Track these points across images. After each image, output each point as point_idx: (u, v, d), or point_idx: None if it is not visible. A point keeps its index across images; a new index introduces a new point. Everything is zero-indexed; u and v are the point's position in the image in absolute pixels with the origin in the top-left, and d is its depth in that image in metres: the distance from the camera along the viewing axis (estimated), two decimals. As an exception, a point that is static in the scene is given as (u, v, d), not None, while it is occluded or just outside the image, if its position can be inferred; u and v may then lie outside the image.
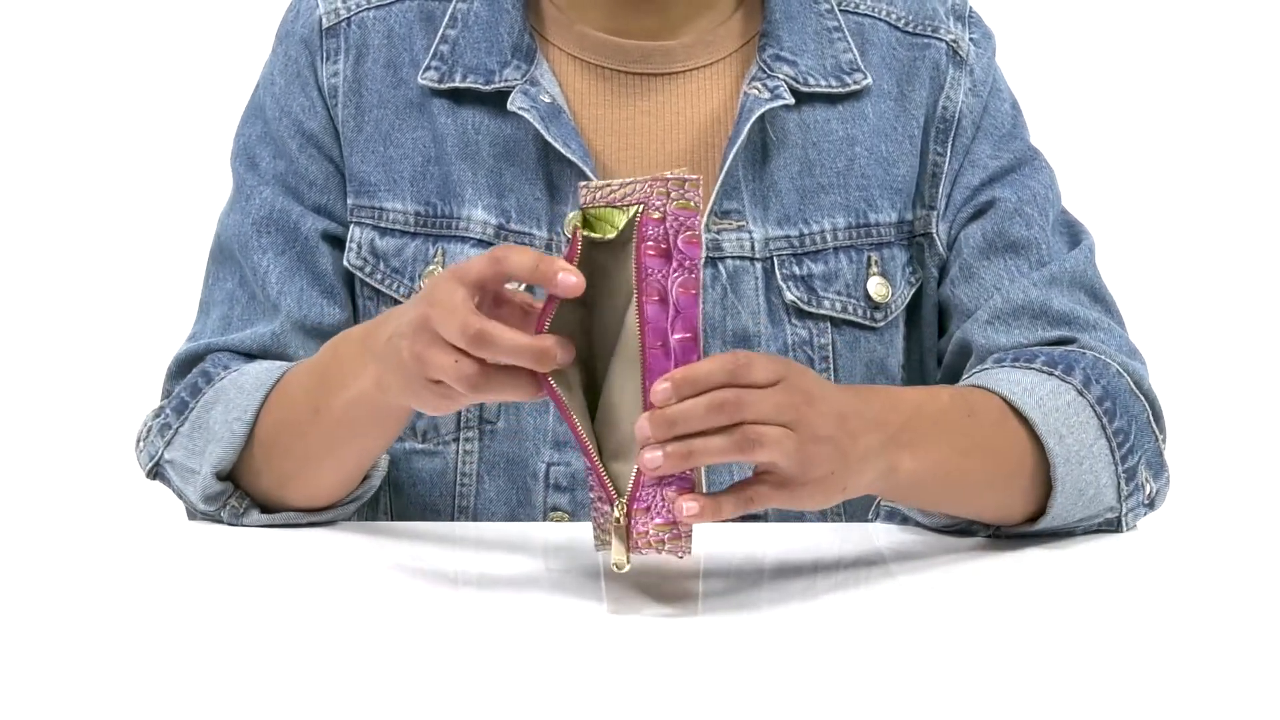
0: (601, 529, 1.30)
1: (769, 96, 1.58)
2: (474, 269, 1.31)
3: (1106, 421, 1.49)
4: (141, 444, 1.61)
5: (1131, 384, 1.54)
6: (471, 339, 1.29)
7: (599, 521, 1.30)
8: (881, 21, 1.65)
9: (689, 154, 1.59)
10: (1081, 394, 1.50)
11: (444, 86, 1.60)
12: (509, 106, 1.57)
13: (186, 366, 1.62)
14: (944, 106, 1.64)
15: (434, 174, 1.60)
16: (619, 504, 1.27)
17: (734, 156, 1.57)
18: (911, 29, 1.65)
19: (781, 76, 1.59)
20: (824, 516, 1.61)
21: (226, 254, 1.64)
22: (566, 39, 1.61)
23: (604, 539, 1.30)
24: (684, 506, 1.25)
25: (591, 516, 1.32)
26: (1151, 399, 1.55)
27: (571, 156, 1.56)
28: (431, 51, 1.60)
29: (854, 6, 1.65)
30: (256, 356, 1.60)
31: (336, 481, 1.52)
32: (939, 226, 1.63)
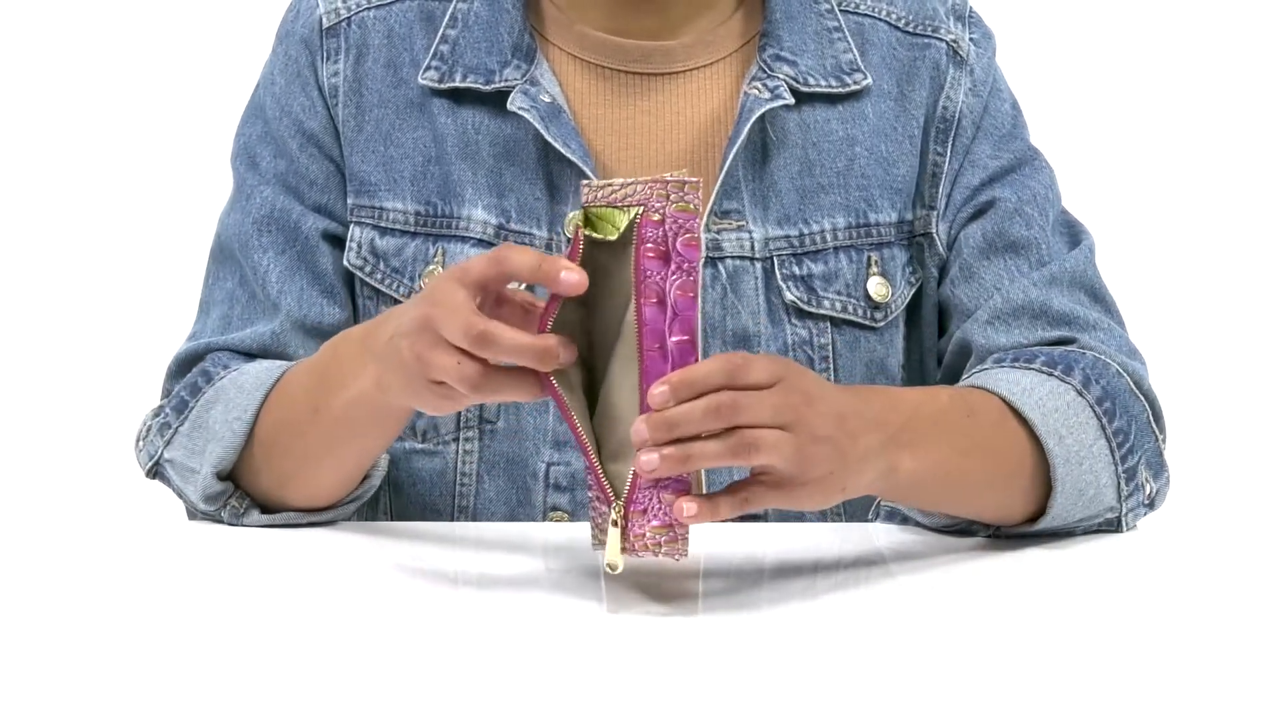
0: (599, 529, 1.30)
1: (769, 96, 1.58)
2: (475, 269, 1.31)
3: (1106, 422, 1.49)
4: (141, 443, 1.61)
5: (1131, 384, 1.54)
6: (474, 339, 1.29)
7: (597, 521, 1.30)
8: (881, 21, 1.65)
9: (689, 154, 1.59)
10: (1081, 394, 1.50)
11: (444, 86, 1.60)
12: (509, 106, 1.57)
13: (186, 366, 1.62)
14: (944, 106, 1.64)
15: (434, 174, 1.60)
16: (616, 506, 1.27)
17: (734, 156, 1.57)
18: (911, 29, 1.65)
19: (781, 76, 1.59)
20: (824, 516, 1.61)
21: (227, 253, 1.64)
22: (567, 39, 1.61)
23: (601, 539, 1.30)
24: (683, 507, 1.25)
25: (590, 516, 1.32)
26: (1151, 399, 1.55)
27: (571, 156, 1.56)
28: (432, 51, 1.60)
29: (854, 6, 1.65)
30: (256, 356, 1.60)
31: (336, 481, 1.52)
32: (939, 226, 1.63)
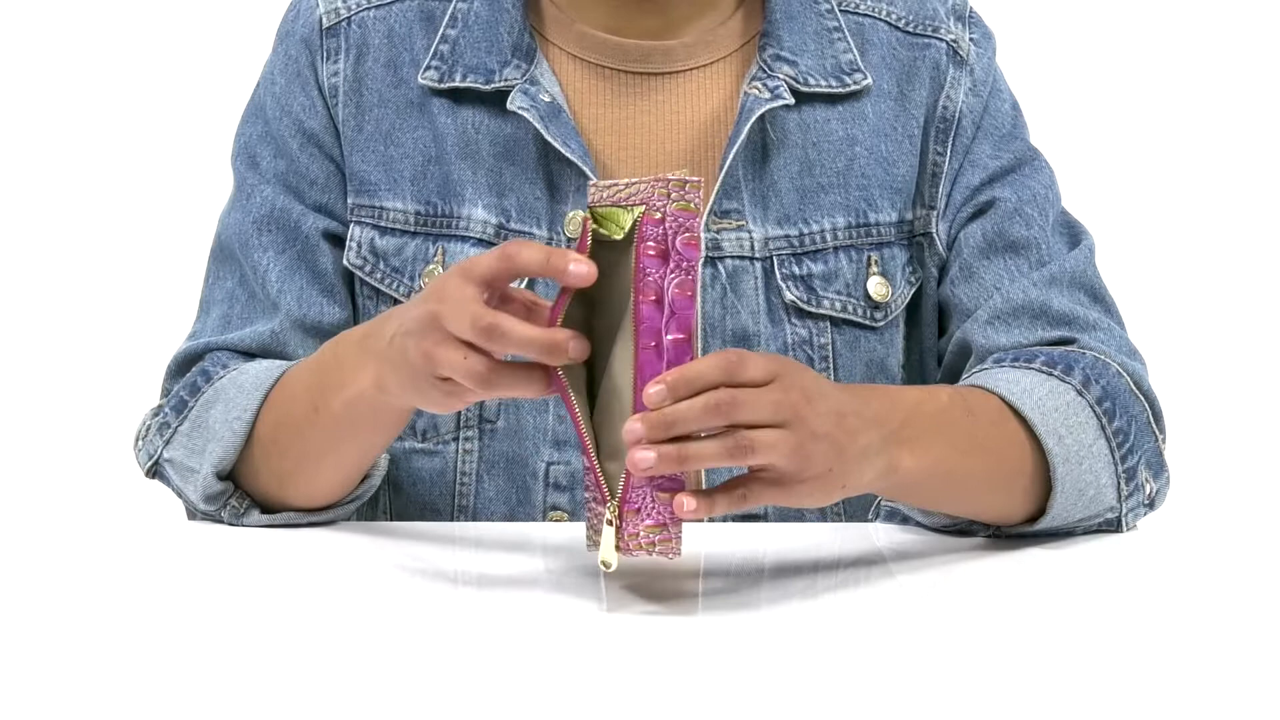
0: (594, 529, 1.30)
1: (769, 96, 1.58)
2: (482, 265, 1.31)
3: (1106, 422, 1.49)
4: (140, 442, 1.61)
5: (1131, 384, 1.54)
6: (482, 331, 1.29)
7: (592, 522, 1.30)
8: (881, 21, 1.65)
9: (689, 153, 1.59)
10: (1081, 394, 1.50)
11: (444, 86, 1.60)
12: (509, 106, 1.57)
13: (186, 365, 1.62)
14: (944, 106, 1.64)
15: (434, 173, 1.60)
16: (611, 505, 1.27)
17: (734, 156, 1.57)
18: (912, 29, 1.65)
19: (782, 76, 1.59)
20: (824, 516, 1.61)
21: (227, 253, 1.64)
22: (567, 38, 1.61)
23: (596, 539, 1.30)
24: (682, 503, 1.25)
25: (585, 516, 1.31)
26: (1151, 399, 1.55)
27: (571, 156, 1.56)
28: (431, 51, 1.60)
29: (854, 6, 1.65)
30: (256, 355, 1.60)
31: (336, 480, 1.52)
32: (939, 226, 1.63)
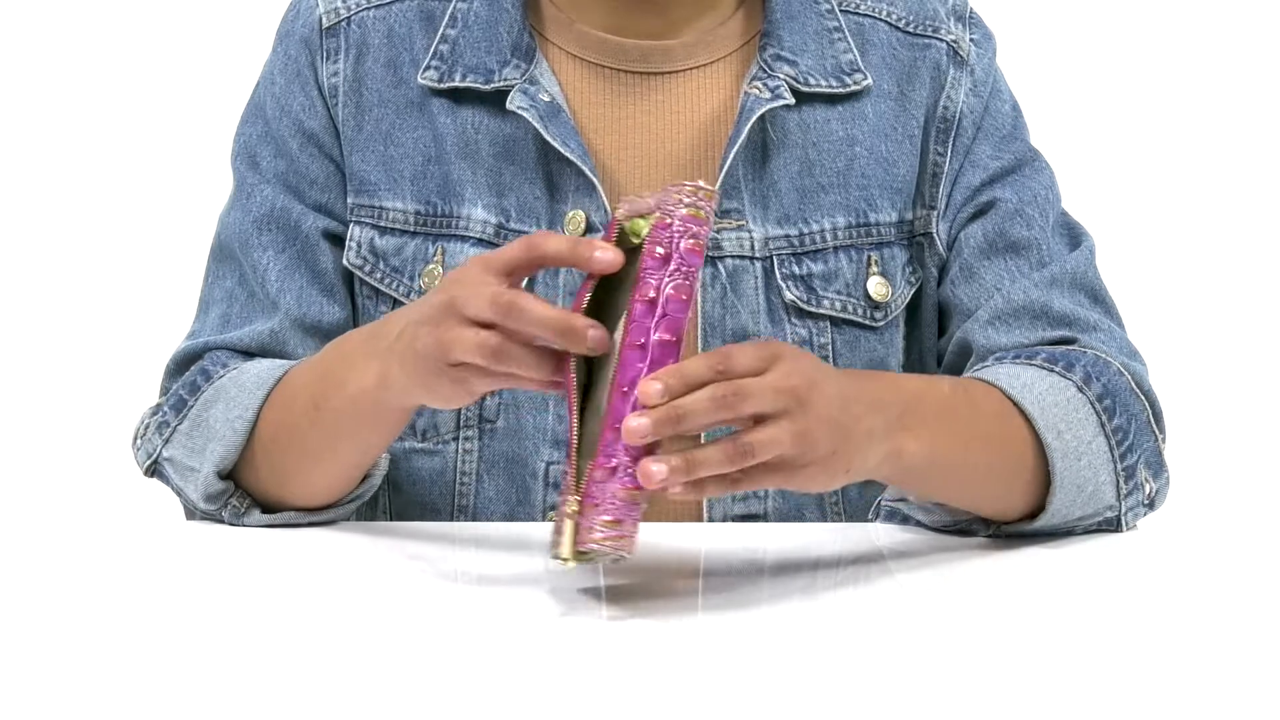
0: (557, 529, 1.29)
1: (769, 96, 1.58)
2: (504, 254, 1.31)
3: (1106, 419, 1.49)
4: (139, 441, 1.60)
5: (1132, 383, 1.54)
6: (502, 308, 1.29)
7: (558, 524, 1.29)
8: (882, 22, 1.65)
9: (689, 153, 1.59)
10: (1081, 390, 1.50)
11: (444, 86, 1.60)
12: (508, 105, 1.57)
13: (185, 364, 1.62)
14: (944, 107, 1.64)
15: (434, 173, 1.60)
16: (572, 500, 1.27)
17: (734, 156, 1.57)
18: (912, 29, 1.65)
19: (782, 76, 1.59)
20: (824, 516, 1.61)
21: (226, 252, 1.64)
22: (566, 38, 1.61)
23: (556, 539, 1.28)
24: (650, 470, 1.23)
25: (553, 519, 1.30)
26: (1152, 399, 1.55)
27: (570, 155, 1.56)
28: (431, 51, 1.60)
29: (854, 7, 1.65)
30: (255, 354, 1.60)
31: (336, 480, 1.52)
32: (939, 226, 1.63)
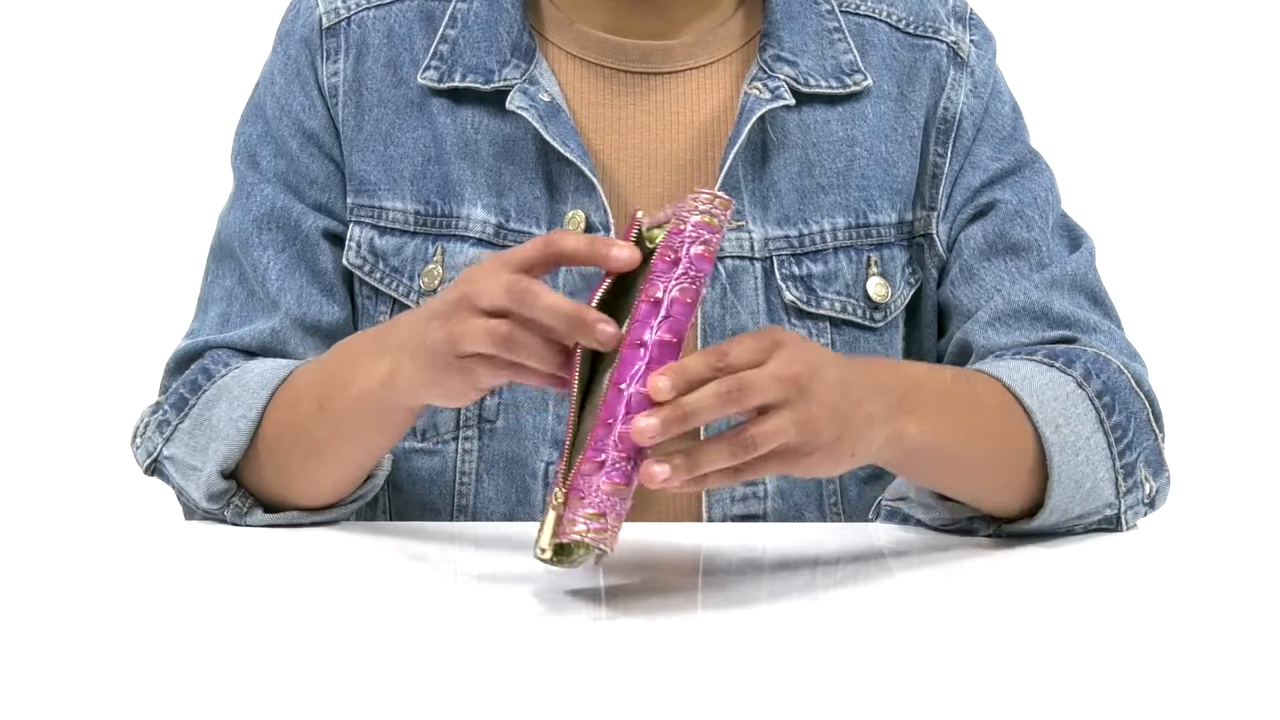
0: (542, 523, 1.29)
1: (769, 97, 1.58)
2: (521, 252, 1.32)
3: (1105, 415, 1.49)
4: (139, 439, 1.60)
5: (1132, 381, 1.54)
6: (516, 295, 1.29)
7: (543, 517, 1.29)
8: (882, 22, 1.65)
9: (689, 153, 1.59)
10: (1081, 386, 1.50)
11: (444, 86, 1.60)
12: (508, 105, 1.57)
13: (185, 363, 1.61)
14: (945, 108, 1.64)
15: (434, 173, 1.60)
16: (558, 492, 1.27)
17: (734, 156, 1.57)
18: (912, 30, 1.65)
19: (782, 77, 1.59)
20: (823, 516, 1.61)
21: (226, 251, 1.64)
22: (566, 38, 1.61)
23: (539, 531, 1.28)
24: (653, 472, 1.24)
25: (539, 519, 1.30)
26: (1152, 399, 1.55)
27: (570, 155, 1.56)
28: (431, 51, 1.60)
29: (855, 7, 1.65)
30: (256, 353, 1.60)
31: (340, 480, 1.52)
32: (939, 227, 1.63)
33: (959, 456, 1.42)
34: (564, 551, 1.28)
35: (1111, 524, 1.51)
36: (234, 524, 1.55)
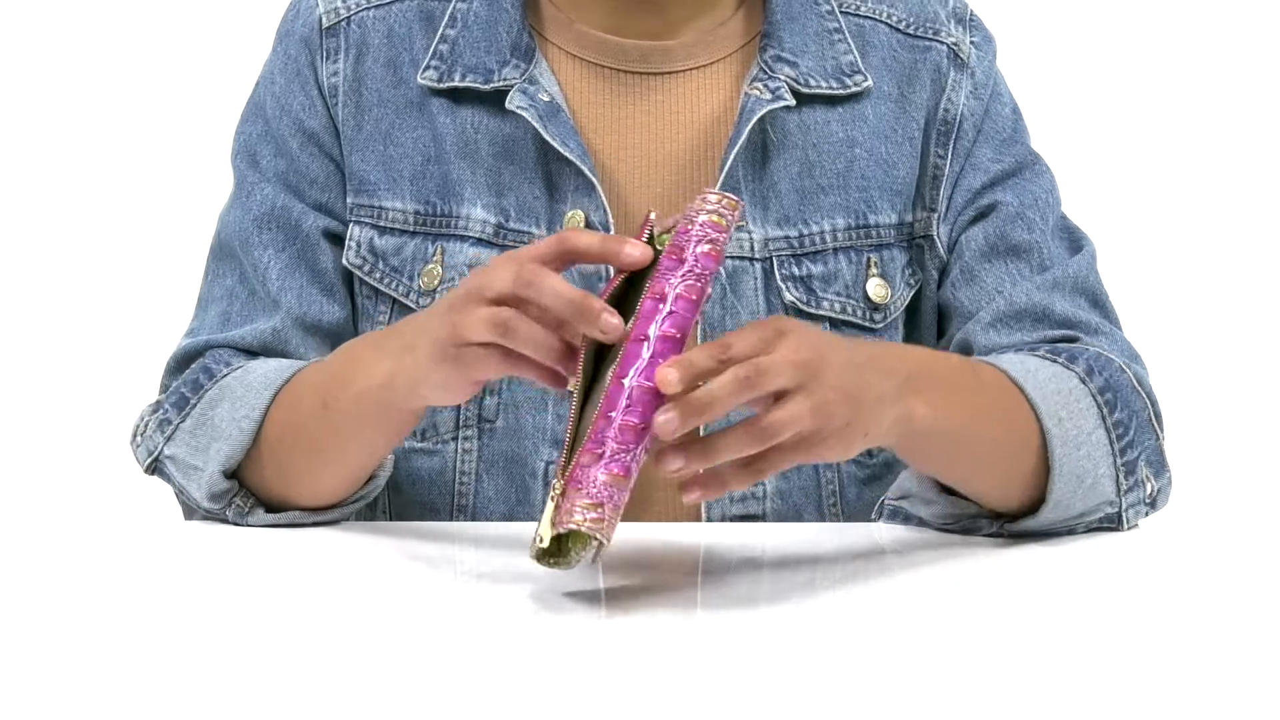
0: (540, 521, 1.29)
1: (770, 97, 1.58)
2: (534, 249, 1.33)
3: (1107, 412, 1.49)
4: (139, 438, 1.60)
5: (1134, 381, 1.54)
6: (524, 280, 1.30)
7: (542, 514, 1.29)
8: (882, 24, 1.65)
9: (688, 154, 1.59)
10: (1084, 382, 1.50)
11: (443, 86, 1.60)
12: (507, 105, 1.57)
13: (185, 362, 1.61)
14: (945, 109, 1.64)
15: (433, 173, 1.60)
16: (557, 483, 1.27)
17: (734, 157, 1.57)
18: (912, 31, 1.65)
19: (782, 77, 1.59)
20: (822, 517, 1.61)
21: (226, 250, 1.64)
22: (566, 38, 1.61)
23: (538, 525, 1.28)
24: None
25: (538, 518, 1.30)
26: (1153, 400, 1.55)
27: (570, 155, 1.56)
28: (431, 51, 1.60)
29: (855, 8, 1.65)
30: (257, 353, 1.60)
31: (343, 480, 1.52)
32: (940, 229, 1.63)
33: (965, 440, 1.42)
34: (560, 552, 1.28)
35: (1113, 523, 1.51)
36: (235, 524, 1.55)
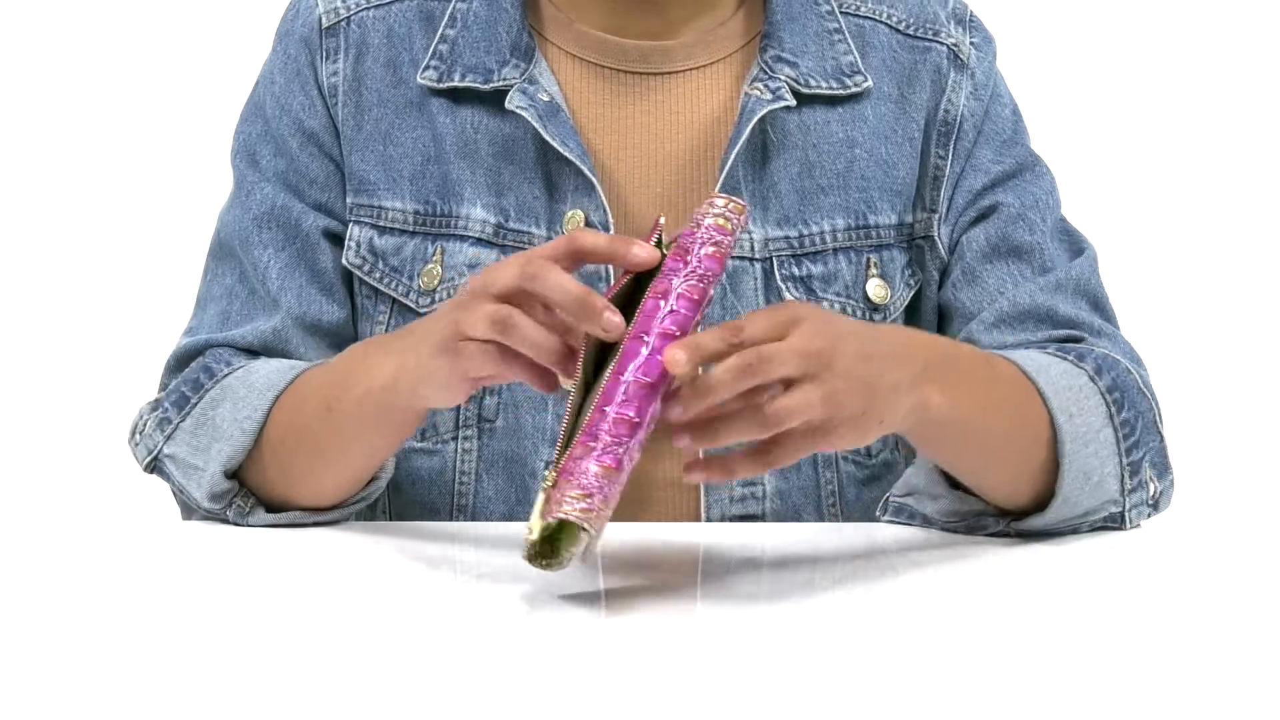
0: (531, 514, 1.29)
1: (770, 98, 1.58)
2: (543, 249, 1.32)
3: (1114, 411, 1.49)
4: (138, 437, 1.60)
5: (1139, 382, 1.54)
6: (528, 275, 1.30)
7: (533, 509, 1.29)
8: (882, 24, 1.65)
9: (688, 154, 1.59)
10: (1093, 380, 1.50)
11: (443, 86, 1.60)
12: (507, 105, 1.57)
13: (185, 361, 1.61)
14: (945, 110, 1.64)
15: (433, 173, 1.60)
16: (549, 474, 1.27)
17: (734, 157, 1.57)
18: (912, 32, 1.65)
19: (783, 78, 1.59)
20: (821, 517, 1.61)
21: (226, 250, 1.64)
22: (565, 38, 1.61)
23: (529, 523, 1.28)
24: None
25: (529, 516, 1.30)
26: (1155, 401, 1.55)
27: (569, 155, 1.56)
28: (431, 51, 1.61)
29: (855, 9, 1.65)
30: (257, 352, 1.60)
31: (344, 481, 1.52)
32: (940, 230, 1.63)
33: (978, 431, 1.42)
34: (552, 552, 1.27)
35: (1116, 523, 1.51)
36: (235, 524, 1.55)
